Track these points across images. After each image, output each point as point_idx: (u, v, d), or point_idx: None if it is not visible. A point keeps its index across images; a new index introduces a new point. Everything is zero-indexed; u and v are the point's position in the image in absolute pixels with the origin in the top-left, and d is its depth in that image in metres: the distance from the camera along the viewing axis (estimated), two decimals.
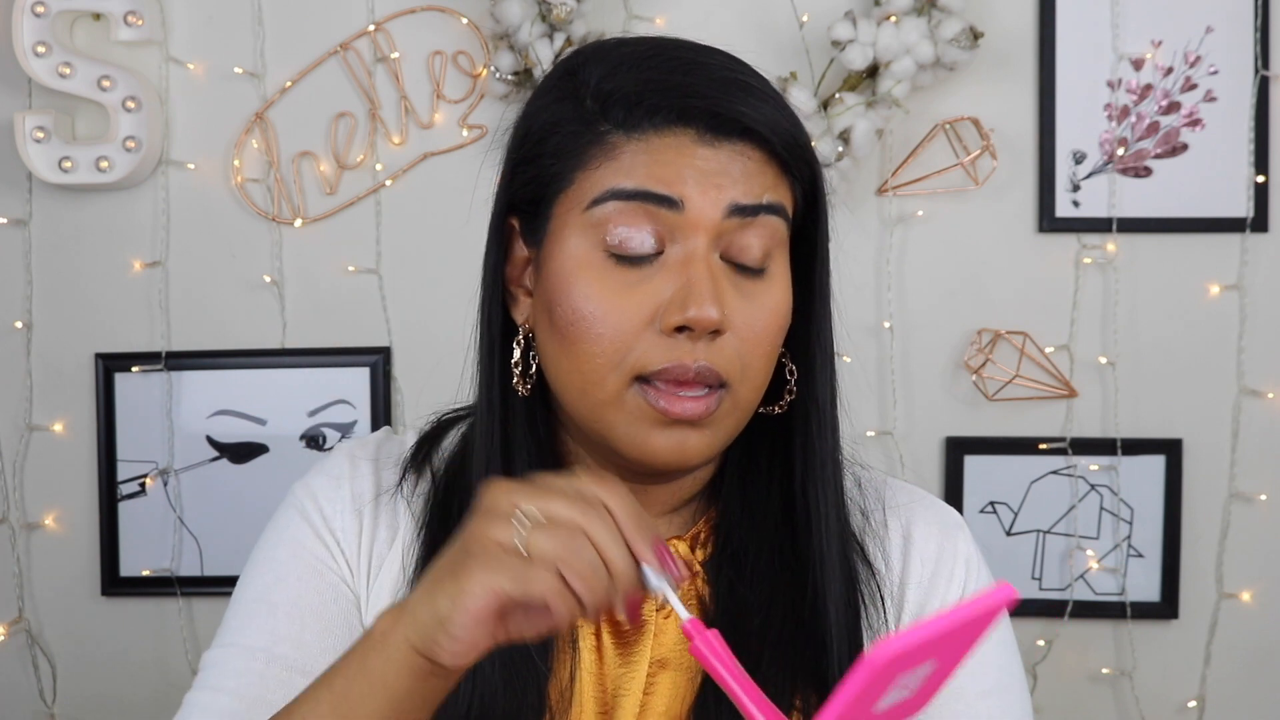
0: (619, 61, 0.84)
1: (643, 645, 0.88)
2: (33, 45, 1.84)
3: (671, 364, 0.80)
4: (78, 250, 1.95)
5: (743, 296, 0.82)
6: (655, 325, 0.80)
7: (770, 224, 0.83)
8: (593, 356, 0.81)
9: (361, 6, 1.90)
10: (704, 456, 0.83)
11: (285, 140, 1.92)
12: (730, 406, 0.83)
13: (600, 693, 0.88)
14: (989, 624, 0.66)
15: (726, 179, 0.81)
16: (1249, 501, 1.90)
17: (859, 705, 0.64)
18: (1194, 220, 1.87)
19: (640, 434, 0.82)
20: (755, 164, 0.83)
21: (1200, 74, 1.85)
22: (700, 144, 0.81)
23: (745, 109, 0.82)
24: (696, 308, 0.79)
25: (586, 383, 0.82)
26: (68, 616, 1.99)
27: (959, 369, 1.91)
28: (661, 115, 0.81)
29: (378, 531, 0.92)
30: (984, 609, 0.64)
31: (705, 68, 0.83)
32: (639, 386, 0.81)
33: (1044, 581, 1.91)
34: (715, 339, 0.81)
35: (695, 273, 0.80)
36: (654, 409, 0.81)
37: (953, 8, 1.77)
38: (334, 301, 1.93)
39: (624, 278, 0.81)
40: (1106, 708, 1.93)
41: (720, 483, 0.92)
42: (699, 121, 0.81)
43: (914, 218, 1.90)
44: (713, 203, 0.81)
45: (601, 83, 0.83)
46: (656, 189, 0.80)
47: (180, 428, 1.94)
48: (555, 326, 0.83)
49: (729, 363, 0.81)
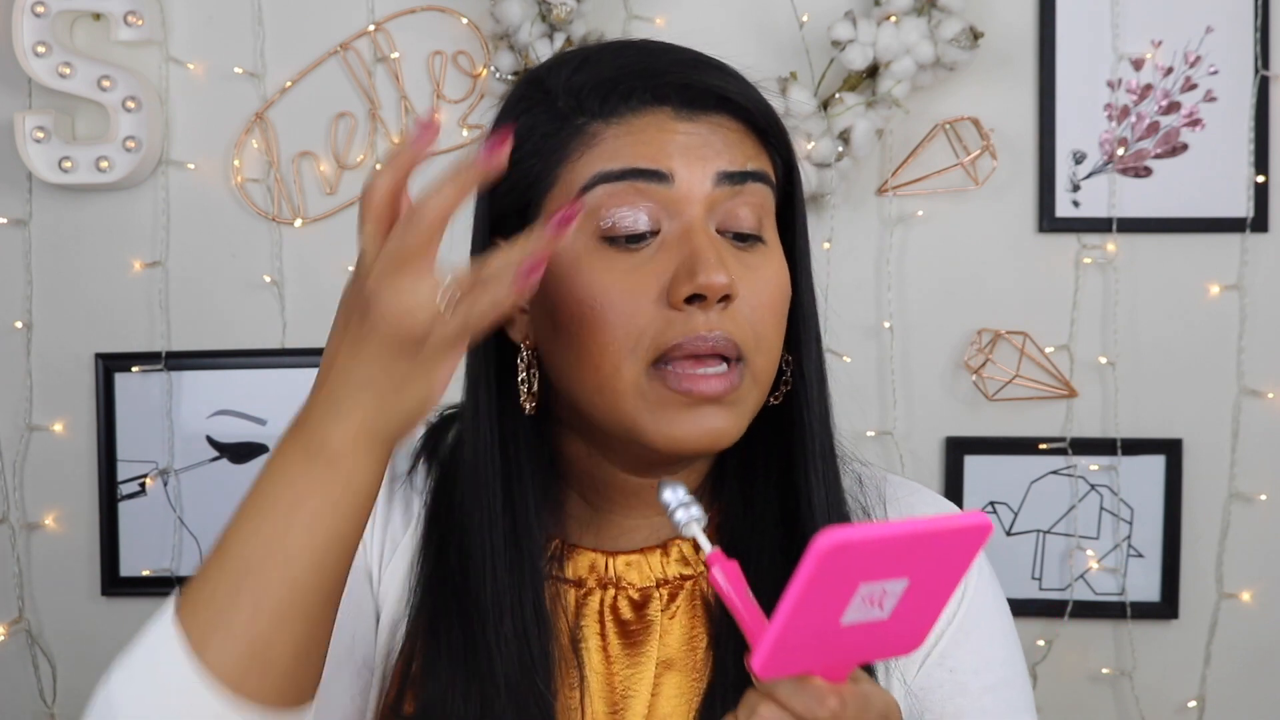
0: (584, 59, 0.85)
1: (649, 646, 0.88)
2: (33, 45, 1.84)
3: (687, 336, 0.79)
4: (78, 250, 1.95)
5: (745, 267, 0.82)
6: (664, 302, 0.80)
7: (758, 191, 0.84)
8: (605, 346, 0.80)
9: (361, 6, 1.90)
10: (732, 436, 0.82)
11: (285, 140, 1.92)
12: (750, 382, 0.82)
13: (609, 693, 0.88)
14: (967, 556, 0.65)
15: (709, 150, 0.81)
16: (1249, 501, 1.90)
17: (820, 609, 0.63)
18: (1194, 220, 1.87)
19: (665, 421, 0.80)
20: (735, 134, 0.83)
21: (1200, 74, 1.85)
22: (679, 119, 0.81)
23: (718, 82, 0.83)
24: (705, 275, 0.78)
25: (602, 376, 0.81)
26: (68, 616, 1.99)
27: (959, 369, 1.91)
28: (637, 97, 0.81)
29: (392, 515, 0.92)
30: (955, 528, 0.63)
31: (671, 51, 0.85)
32: (657, 371, 0.80)
33: (1044, 581, 1.91)
34: (726, 307, 0.80)
35: (697, 242, 0.80)
36: (676, 392, 0.80)
37: (953, 8, 1.77)
38: (334, 301, 1.90)
39: (625, 261, 0.80)
40: (1106, 708, 1.93)
41: (720, 482, 0.91)
42: (675, 98, 0.82)
43: (914, 218, 1.90)
44: (700, 174, 0.81)
45: (571, 79, 0.83)
46: (643, 164, 0.80)
47: (180, 428, 1.94)
48: (562, 327, 0.82)
49: (743, 331, 0.81)
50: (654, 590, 0.89)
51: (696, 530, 0.75)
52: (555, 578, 0.89)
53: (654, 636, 0.88)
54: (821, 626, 0.64)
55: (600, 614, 0.89)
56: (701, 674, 0.87)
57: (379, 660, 0.89)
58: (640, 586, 0.89)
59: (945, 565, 0.65)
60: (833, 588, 0.62)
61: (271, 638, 0.72)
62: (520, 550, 0.85)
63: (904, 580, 0.64)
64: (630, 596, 0.89)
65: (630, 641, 0.89)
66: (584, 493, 0.91)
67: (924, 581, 0.65)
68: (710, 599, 0.89)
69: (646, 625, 0.89)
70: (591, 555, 0.90)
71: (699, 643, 0.88)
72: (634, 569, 0.90)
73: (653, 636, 0.88)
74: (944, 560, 0.65)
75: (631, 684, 0.88)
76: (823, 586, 0.62)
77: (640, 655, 0.88)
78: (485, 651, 0.84)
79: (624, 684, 0.88)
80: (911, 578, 0.64)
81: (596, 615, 0.89)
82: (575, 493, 0.91)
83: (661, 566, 0.90)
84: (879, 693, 0.70)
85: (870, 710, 0.69)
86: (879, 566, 0.63)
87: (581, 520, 0.91)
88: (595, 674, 0.88)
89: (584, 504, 0.91)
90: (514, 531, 0.85)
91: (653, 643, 0.88)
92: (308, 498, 0.72)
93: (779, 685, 0.67)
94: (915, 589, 0.65)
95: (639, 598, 0.89)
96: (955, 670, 0.90)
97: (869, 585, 0.63)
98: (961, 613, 0.91)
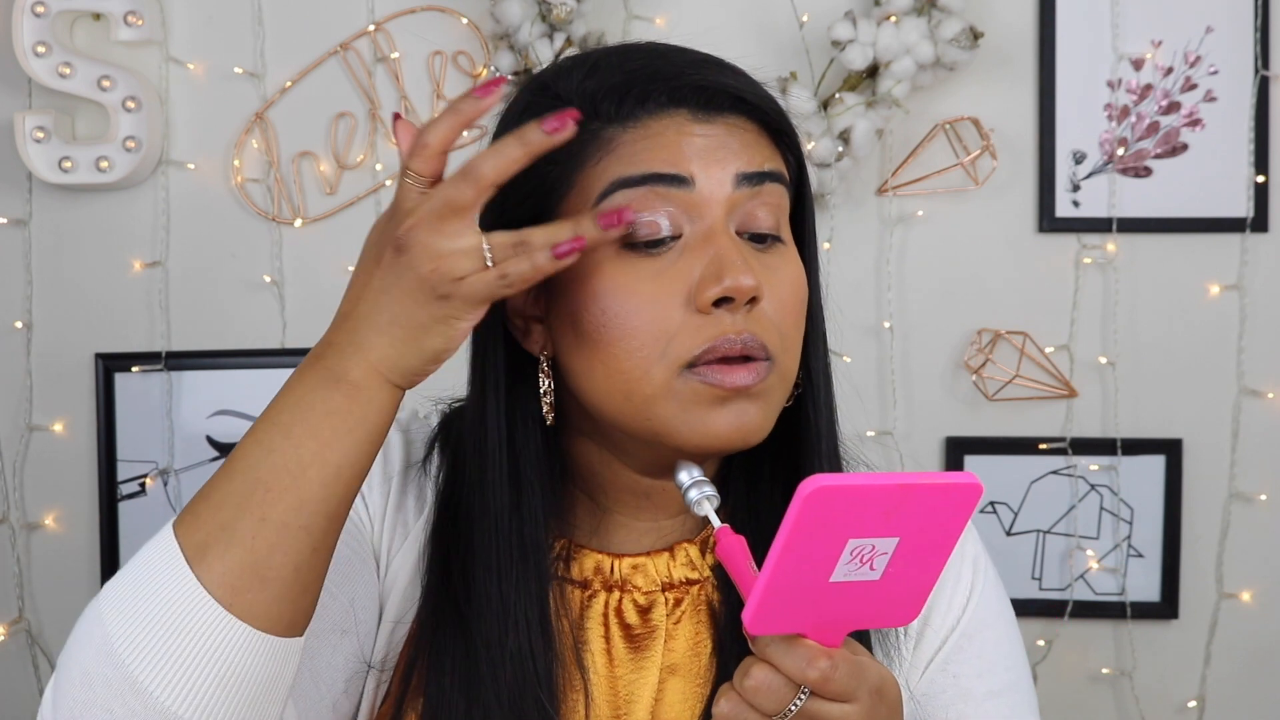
0: (594, 64, 0.84)
1: (654, 650, 0.88)
2: (33, 45, 1.84)
3: (716, 340, 0.79)
4: (78, 250, 1.95)
5: (766, 269, 0.82)
6: (690, 306, 0.79)
7: (776, 192, 0.83)
8: (633, 353, 0.79)
9: (361, 6, 1.90)
10: (763, 430, 0.82)
11: (285, 140, 1.92)
12: (777, 379, 0.82)
13: (613, 697, 0.87)
14: (959, 518, 0.65)
15: (727, 152, 0.81)
16: (1249, 501, 1.90)
17: (808, 561, 0.63)
18: (1194, 220, 1.87)
19: (698, 418, 0.80)
20: (751, 135, 0.83)
21: (1200, 74, 1.85)
22: (695, 121, 0.81)
23: (732, 82, 0.83)
24: (732, 277, 0.78)
25: (630, 382, 0.80)
26: (68, 616, 1.98)
27: (959, 369, 1.91)
28: (653, 100, 0.81)
29: (405, 500, 0.92)
30: (943, 484, 0.63)
31: (680, 52, 0.85)
32: (687, 373, 0.79)
33: (1044, 581, 1.91)
34: (753, 309, 0.80)
35: (721, 245, 0.80)
36: (708, 386, 0.79)
37: (953, 8, 1.77)
38: (334, 301, 1.91)
39: (648, 266, 0.80)
40: (1106, 708, 1.93)
41: (727, 484, 0.91)
42: (690, 100, 0.81)
43: (914, 218, 1.90)
44: (719, 176, 0.80)
45: (583, 84, 0.83)
46: (663, 169, 0.80)
47: (180, 428, 1.94)
48: (585, 335, 0.81)
49: (769, 331, 0.81)
50: (659, 595, 0.89)
51: (708, 508, 0.76)
52: (561, 578, 0.89)
53: (658, 642, 0.88)
54: (811, 582, 0.64)
55: (605, 617, 0.89)
56: (706, 680, 0.87)
57: (378, 659, 0.89)
58: (646, 590, 0.89)
59: (936, 526, 0.65)
60: (820, 539, 0.62)
61: (272, 554, 0.73)
62: (527, 563, 0.85)
63: (894, 539, 0.64)
64: (635, 600, 0.89)
65: (634, 646, 0.88)
66: (593, 494, 0.90)
67: (915, 542, 0.65)
68: (715, 605, 0.89)
69: (651, 630, 0.88)
70: (597, 557, 0.90)
71: (704, 649, 0.88)
72: (640, 572, 0.89)
73: (657, 642, 0.88)
74: (935, 520, 0.65)
75: (635, 689, 0.87)
76: (810, 535, 0.62)
77: (644, 660, 0.88)
78: (489, 667, 0.83)
79: (627, 688, 0.87)
80: (902, 536, 0.64)
81: (601, 618, 0.89)
82: (583, 494, 0.91)
83: (668, 569, 0.89)
84: (875, 665, 0.71)
85: (864, 680, 0.69)
86: (867, 521, 0.63)
87: (589, 522, 0.91)
88: (599, 677, 0.87)
89: (592, 506, 0.91)
90: (521, 545, 0.85)
91: (657, 648, 0.88)
92: (324, 421, 0.74)
93: (770, 646, 0.68)
94: (906, 550, 0.65)
95: (644, 602, 0.89)
96: (959, 675, 0.89)
97: (858, 541, 0.63)
98: (966, 617, 0.91)
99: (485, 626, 0.84)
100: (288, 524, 0.73)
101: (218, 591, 0.72)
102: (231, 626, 0.72)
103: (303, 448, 0.73)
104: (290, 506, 0.73)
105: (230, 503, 0.73)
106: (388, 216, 0.75)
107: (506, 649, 0.83)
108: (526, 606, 0.84)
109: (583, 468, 0.89)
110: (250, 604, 0.72)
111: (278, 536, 0.73)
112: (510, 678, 0.83)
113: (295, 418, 0.74)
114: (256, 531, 0.72)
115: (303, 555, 0.74)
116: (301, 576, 0.74)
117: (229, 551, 0.72)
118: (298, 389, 0.75)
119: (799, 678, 0.68)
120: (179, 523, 0.74)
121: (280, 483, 0.73)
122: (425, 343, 0.74)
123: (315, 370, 0.76)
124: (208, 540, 0.72)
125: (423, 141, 0.73)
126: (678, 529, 0.91)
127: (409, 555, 0.90)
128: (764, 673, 0.68)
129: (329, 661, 0.85)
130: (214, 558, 0.72)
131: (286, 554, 0.73)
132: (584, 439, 0.88)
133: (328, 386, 0.75)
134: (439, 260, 0.72)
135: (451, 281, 0.72)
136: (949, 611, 0.91)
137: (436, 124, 0.74)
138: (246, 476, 0.73)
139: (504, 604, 0.84)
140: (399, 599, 0.89)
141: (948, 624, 0.90)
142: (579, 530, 0.91)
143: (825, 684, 0.68)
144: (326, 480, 0.74)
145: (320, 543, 0.75)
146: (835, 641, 0.68)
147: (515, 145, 0.73)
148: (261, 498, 0.73)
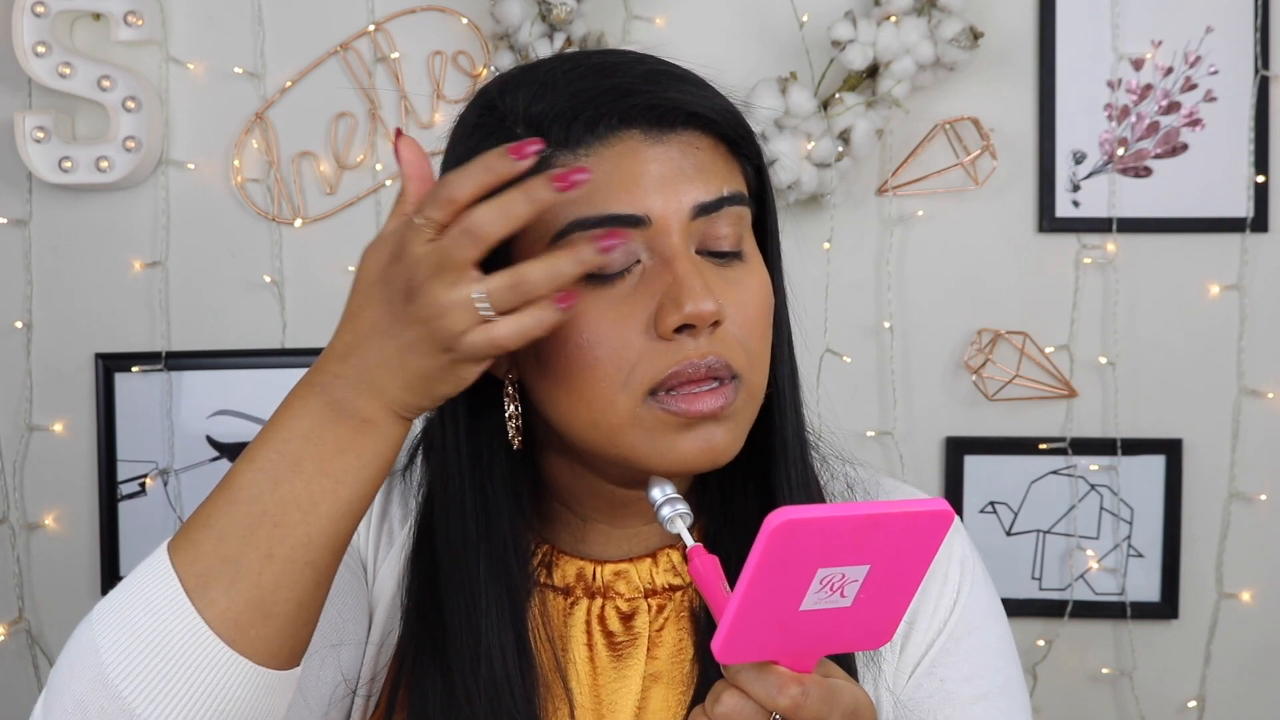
0: (539, 83, 0.81)
1: (636, 657, 0.87)
2: (33, 45, 1.84)
3: (680, 365, 0.77)
4: (78, 250, 1.95)
5: (728, 284, 0.80)
6: (651, 333, 0.78)
7: (735, 211, 0.81)
8: (596, 382, 0.78)
9: (361, 6, 1.90)
10: (731, 450, 0.81)
11: (285, 140, 1.92)
12: (746, 397, 0.81)
13: (596, 705, 0.87)
14: (930, 544, 0.64)
15: (683, 180, 0.79)
16: (1249, 501, 1.90)
17: (777, 591, 0.62)
18: (1194, 220, 1.87)
19: (665, 445, 0.79)
20: (707, 155, 0.80)
21: (1200, 74, 1.85)
22: (648, 143, 0.78)
23: (683, 96, 0.80)
24: (693, 303, 0.76)
25: (595, 411, 0.79)
26: (68, 616, 1.99)
27: (959, 369, 1.91)
28: (603, 123, 0.78)
29: (390, 508, 0.92)
30: (912, 513, 0.62)
31: (628, 66, 0.81)
32: (652, 399, 0.78)
33: (1044, 581, 1.91)
34: (715, 331, 0.79)
35: (680, 270, 0.78)
36: (673, 414, 0.78)
37: (953, 8, 1.77)
38: (334, 301, 1.91)
39: (607, 295, 0.78)
40: (1106, 708, 1.93)
41: (703, 494, 0.90)
42: (641, 119, 0.78)
43: (914, 218, 1.90)
44: (676, 208, 0.78)
45: (530, 107, 0.79)
46: (620, 210, 0.77)
47: (180, 428, 1.94)
48: (548, 364, 0.79)
49: (734, 351, 0.79)
50: (642, 601, 0.88)
51: (681, 526, 0.75)
52: (543, 585, 0.88)
53: (641, 649, 0.87)
54: (781, 610, 0.63)
55: (588, 624, 0.88)
56: (688, 687, 0.86)
57: (365, 679, 0.88)
58: (629, 596, 0.88)
59: (907, 553, 0.64)
60: (789, 569, 0.62)
61: (278, 590, 0.71)
62: (498, 587, 0.84)
63: (864, 566, 0.63)
64: (618, 607, 0.88)
65: (617, 654, 0.87)
66: (570, 506, 0.90)
67: (886, 569, 0.64)
68: (699, 612, 0.88)
69: (634, 638, 0.88)
70: (579, 563, 0.89)
71: (686, 655, 0.87)
72: (622, 578, 0.88)
73: (640, 649, 0.87)
74: (905, 547, 0.64)
75: (618, 697, 0.87)
76: (778, 567, 0.61)
77: (627, 668, 0.87)
78: (464, 693, 0.83)
79: (610, 697, 0.87)
80: (872, 564, 0.64)
81: (584, 625, 0.88)
82: (562, 506, 0.90)
83: (651, 575, 0.89)
84: (848, 687, 0.70)
85: (837, 704, 0.68)
86: (836, 550, 0.62)
87: (569, 529, 0.90)
88: (582, 686, 0.87)
89: (571, 516, 0.90)
90: (492, 571, 0.84)
91: (640, 655, 0.87)
92: (337, 458, 0.72)
93: (741, 673, 0.67)
94: (878, 576, 0.64)
95: (627, 609, 0.88)
96: (945, 679, 0.88)
97: (827, 570, 0.63)
98: (953, 620, 0.89)
99: (459, 654, 0.83)
100: (294, 560, 0.72)
101: (220, 627, 0.70)
102: (233, 662, 0.71)
103: (314, 484, 0.72)
104: (299, 543, 0.72)
105: (234, 535, 0.71)
106: (392, 256, 0.72)
107: (480, 677, 0.82)
108: (500, 633, 0.83)
109: (558, 481, 0.89)
110: (253, 639, 0.71)
111: (284, 573, 0.71)
112: (487, 704, 0.82)
113: (305, 452, 0.72)
114: (262, 568, 0.71)
115: (307, 590, 0.73)
116: (304, 611, 0.73)
117: (233, 587, 0.71)
118: (304, 420, 0.73)
119: (770, 705, 0.67)
120: (176, 549, 0.72)
121: (289, 518, 0.72)
122: (436, 389, 0.73)
123: (322, 402, 0.73)
124: (209, 573, 0.71)
125: (449, 195, 0.70)
126: (659, 534, 0.90)
127: (395, 564, 0.90)
128: (735, 699, 0.67)
129: (318, 676, 0.84)
130: (217, 593, 0.71)
131: (292, 590, 0.72)
132: (556, 455, 0.87)
133: (339, 422, 0.73)
134: (442, 316, 0.70)
135: (453, 337, 0.71)
136: (935, 615, 0.89)
137: (465, 178, 0.71)
138: (251, 508, 0.72)
139: (474, 633, 0.83)
140: (386, 610, 0.89)
141: (934, 627, 0.89)
142: (560, 537, 0.90)
143: (797, 711, 0.67)
144: (337, 516, 0.73)
145: (324, 576, 0.74)
146: (807, 667, 0.67)
147: (523, 202, 0.70)
148: (269, 533, 0.71)
